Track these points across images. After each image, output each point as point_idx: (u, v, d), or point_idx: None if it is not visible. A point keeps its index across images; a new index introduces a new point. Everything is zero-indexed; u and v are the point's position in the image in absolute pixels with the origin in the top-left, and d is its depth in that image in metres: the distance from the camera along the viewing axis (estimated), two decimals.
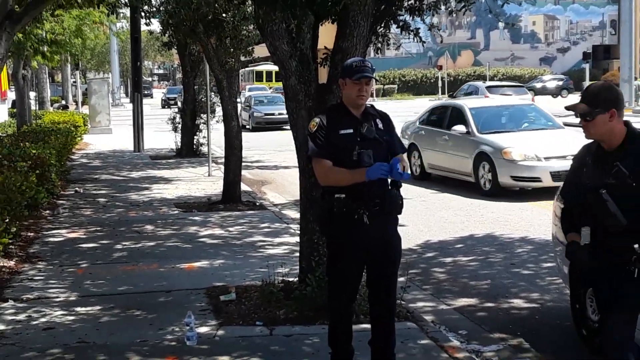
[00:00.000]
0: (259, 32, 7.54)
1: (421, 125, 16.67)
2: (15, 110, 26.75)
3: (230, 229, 10.88)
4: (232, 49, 12.95)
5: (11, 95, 31.60)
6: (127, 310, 6.97)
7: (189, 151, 21.54)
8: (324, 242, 5.97)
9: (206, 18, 12.28)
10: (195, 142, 21.82)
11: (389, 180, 4.94)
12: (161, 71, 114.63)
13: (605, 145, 4.28)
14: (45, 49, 22.88)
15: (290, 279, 7.13)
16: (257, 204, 13.01)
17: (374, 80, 5.01)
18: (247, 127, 32.48)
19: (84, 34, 22.83)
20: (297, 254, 7.19)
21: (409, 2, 7.30)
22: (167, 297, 7.43)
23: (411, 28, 7.58)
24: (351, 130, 4.94)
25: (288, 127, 7.65)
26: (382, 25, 7.22)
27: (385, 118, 5.17)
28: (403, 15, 7.40)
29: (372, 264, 5.07)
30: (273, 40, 6.65)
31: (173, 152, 22.21)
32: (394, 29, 7.64)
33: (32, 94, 32.99)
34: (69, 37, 22.72)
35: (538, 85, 64.56)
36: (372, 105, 5.19)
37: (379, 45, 7.61)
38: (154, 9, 14.81)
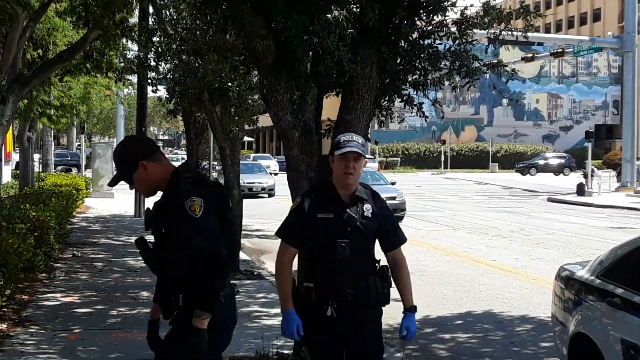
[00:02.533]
0: (263, 102, 7.58)
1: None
2: (18, 171, 26.84)
3: None
4: (236, 118, 13.04)
5: (15, 156, 31.75)
6: None
7: None
8: None
9: (212, 87, 12.40)
10: None
11: (376, 263, 4.49)
12: (166, 137, 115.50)
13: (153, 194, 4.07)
14: (52, 112, 23.11)
15: (285, 351, 7.02)
16: (255, 273, 12.91)
17: (364, 158, 4.43)
18: None
19: (90, 100, 23.02)
20: None
21: (413, 77, 7.35)
22: None
23: (415, 102, 7.60)
24: (331, 215, 4.40)
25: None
26: (386, 98, 7.24)
27: (377, 201, 4.55)
28: (407, 89, 7.43)
29: None
30: (277, 110, 6.67)
31: None
32: (397, 102, 7.67)
33: (37, 156, 33.18)
34: (75, 102, 22.96)
35: (541, 162, 64.98)
36: (366, 186, 4.59)
37: (382, 118, 7.62)
38: (161, 77, 14.95)
